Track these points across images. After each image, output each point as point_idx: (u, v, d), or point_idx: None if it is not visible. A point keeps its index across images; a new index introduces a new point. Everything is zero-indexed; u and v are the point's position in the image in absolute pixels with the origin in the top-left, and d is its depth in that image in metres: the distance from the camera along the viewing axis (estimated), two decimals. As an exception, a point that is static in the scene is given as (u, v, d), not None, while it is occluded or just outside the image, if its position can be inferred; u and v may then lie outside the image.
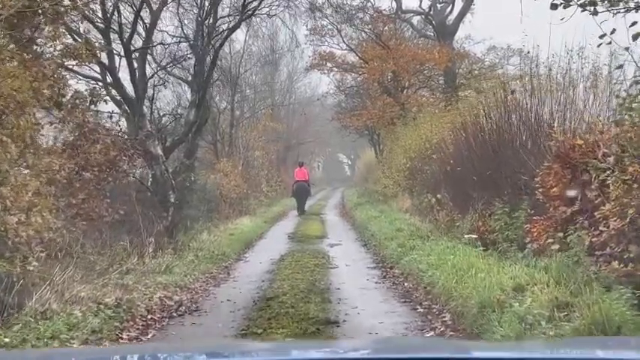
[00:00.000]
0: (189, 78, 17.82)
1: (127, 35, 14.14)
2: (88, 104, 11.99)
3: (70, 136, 11.53)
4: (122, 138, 13.16)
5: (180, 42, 16.31)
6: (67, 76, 13.04)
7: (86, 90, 12.23)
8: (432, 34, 29.72)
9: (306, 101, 44.13)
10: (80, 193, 9.88)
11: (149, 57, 16.94)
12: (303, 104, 43.36)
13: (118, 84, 14.16)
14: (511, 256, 7.80)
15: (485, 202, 10.78)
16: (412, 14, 29.73)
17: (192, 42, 15.66)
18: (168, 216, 14.68)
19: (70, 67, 15.35)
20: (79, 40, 12.45)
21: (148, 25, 15.32)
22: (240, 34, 34.09)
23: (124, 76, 15.02)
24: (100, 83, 14.94)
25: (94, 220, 11.16)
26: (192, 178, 16.52)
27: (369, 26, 28.19)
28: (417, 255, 9.87)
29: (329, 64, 29.52)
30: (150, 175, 15.35)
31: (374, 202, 25.11)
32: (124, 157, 12.12)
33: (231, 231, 17.63)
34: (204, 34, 15.64)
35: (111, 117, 12.48)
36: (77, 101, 11.84)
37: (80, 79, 14.89)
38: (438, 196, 13.25)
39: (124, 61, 14.65)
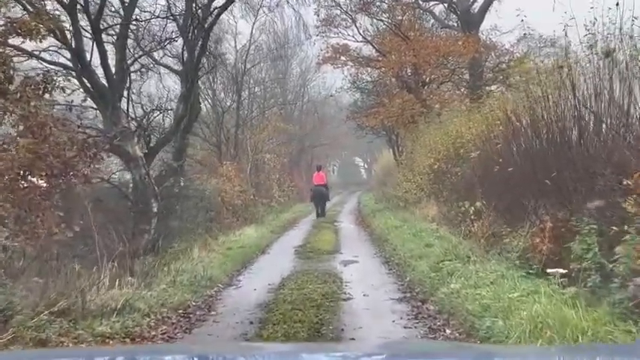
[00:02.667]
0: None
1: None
2: (40, 92, 9.65)
3: (14, 132, 9.21)
4: (85, 135, 10.79)
5: (166, 21, 13.83)
6: (15, 58, 10.80)
7: (38, 75, 9.85)
8: (456, 24, 27.13)
9: (320, 102, 41.74)
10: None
11: (134, 43, 14.60)
12: (317, 105, 40.96)
13: (87, 70, 11.77)
14: (608, 297, 5.21)
15: (545, 211, 8.24)
16: (434, 2, 27.16)
17: (176, 16, 13.15)
18: (151, 229, 12.29)
19: (37, 52, 13.17)
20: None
21: (126, 3, 12.96)
22: (246, 27, 31.81)
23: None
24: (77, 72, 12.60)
25: (39, 239, 8.80)
26: (182, 183, 14.07)
27: (387, 15, 25.66)
28: (458, 284, 7.33)
29: (343, 58, 26.93)
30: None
31: (393, 209, 22.63)
32: (85, 159, 9.68)
33: (230, 244, 15.24)
34: (195, 13, 13.20)
35: (70, 109, 10.02)
36: (27, 89, 9.52)
37: (58, 70, 12.59)
38: (478, 203, 10.69)
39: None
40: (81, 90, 13.09)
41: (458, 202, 14.98)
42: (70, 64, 12.87)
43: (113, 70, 12.46)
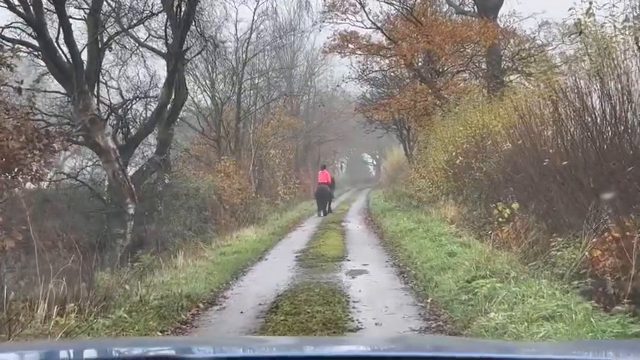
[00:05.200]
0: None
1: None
2: (-18, 71, 7.98)
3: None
4: (45, 123, 9.08)
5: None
6: None
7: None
8: (472, 9, 25.23)
9: (327, 96, 39.96)
10: None
11: (112, 20, 12.87)
12: (324, 98, 39.16)
13: (49, 47, 10.04)
14: None
15: (608, 216, 6.46)
16: (449, -14, 25.29)
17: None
18: (126, 234, 10.56)
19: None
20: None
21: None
22: (248, 14, 30.13)
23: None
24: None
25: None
26: (167, 180, 12.32)
27: (398, -1, 23.80)
28: (502, 315, 5.55)
29: (351, 46, 25.06)
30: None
31: (405, 208, 20.86)
32: (35, 151, 7.97)
33: (224, 248, 13.57)
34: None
35: (20, 91, 8.29)
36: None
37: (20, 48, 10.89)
38: (514, 205, 8.90)
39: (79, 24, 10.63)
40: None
41: (480, 201, 13.24)
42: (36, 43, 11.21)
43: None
